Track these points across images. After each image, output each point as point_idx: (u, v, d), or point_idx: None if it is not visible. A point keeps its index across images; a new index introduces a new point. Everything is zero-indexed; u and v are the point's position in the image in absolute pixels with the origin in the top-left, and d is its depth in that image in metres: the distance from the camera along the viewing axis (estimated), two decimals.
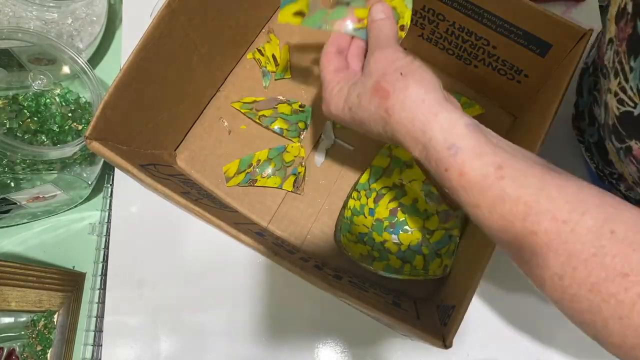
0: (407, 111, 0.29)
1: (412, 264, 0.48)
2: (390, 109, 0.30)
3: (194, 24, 0.44)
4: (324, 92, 0.35)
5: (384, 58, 0.32)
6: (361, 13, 0.36)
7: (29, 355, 0.47)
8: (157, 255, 0.52)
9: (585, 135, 0.47)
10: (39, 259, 0.54)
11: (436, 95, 0.29)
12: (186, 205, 0.38)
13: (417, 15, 0.49)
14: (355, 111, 0.32)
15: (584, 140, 0.48)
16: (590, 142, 0.46)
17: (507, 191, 0.25)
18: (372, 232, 0.49)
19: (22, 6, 0.51)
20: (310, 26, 0.37)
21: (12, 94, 0.49)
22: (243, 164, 0.52)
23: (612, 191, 0.46)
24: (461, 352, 0.48)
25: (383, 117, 0.30)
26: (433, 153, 0.28)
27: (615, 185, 0.45)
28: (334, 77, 0.35)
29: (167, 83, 0.45)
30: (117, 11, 0.63)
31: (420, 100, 0.29)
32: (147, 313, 0.50)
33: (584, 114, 0.47)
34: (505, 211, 0.25)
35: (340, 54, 0.36)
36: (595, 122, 0.44)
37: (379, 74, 0.31)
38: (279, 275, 0.51)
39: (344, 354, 0.49)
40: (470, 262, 0.40)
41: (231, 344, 0.49)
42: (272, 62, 0.56)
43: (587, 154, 0.48)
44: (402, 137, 0.30)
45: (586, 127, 0.47)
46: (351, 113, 0.33)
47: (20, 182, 0.47)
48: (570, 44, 0.41)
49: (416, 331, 0.34)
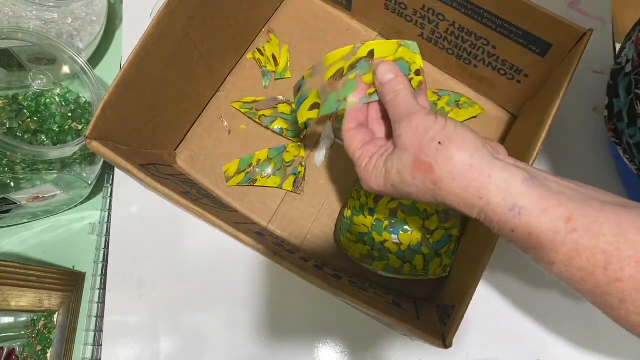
0: (458, 180, 0.28)
1: (412, 263, 0.48)
2: (438, 182, 0.28)
3: (194, 23, 0.44)
4: (358, 170, 0.33)
5: (415, 129, 0.30)
6: (369, 78, 0.35)
7: (29, 355, 0.47)
8: (157, 255, 0.52)
9: (624, 137, 0.45)
10: (39, 259, 0.54)
11: (482, 154, 0.28)
12: (186, 205, 0.38)
13: (417, 15, 0.49)
14: (400, 187, 0.31)
15: (622, 142, 0.46)
16: (630, 143, 0.45)
17: (582, 243, 0.24)
18: (372, 232, 0.49)
19: (22, 6, 0.51)
20: (329, 112, 0.36)
21: (12, 94, 0.49)
22: (243, 163, 0.52)
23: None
24: (461, 352, 0.48)
25: (431, 189, 0.29)
26: (494, 216, 0.27)
27: None
28: (363, 152, 0.33)
29: (167, 83, 0.45)
30: (117, 11, 0.63)
31: (468, 166, 0.28)
32: (147, 313, 0.50)
33: (621, 115, 0.45)
34: (584, 263, 0.24)
35: (362, 127, 0.35)
36: (637, 122, 0.42)
37: (415, 148, 0.29)
38: (279, 275, 0.51)
39: (344, 354, 0.49)
40: (470, 262, 0.40)
41: (231, 344, 0.49)
42: (272, 62, 0.56)
43: (626, 155, 0.46)
44: (457, 205, 0.29)
45: (625, 127, 0.45)
46: (395, 189, 0.31)
47: (20, 182, 0.47)
48: (570, 43, 0.41)
49: (416, 331, 0.34)
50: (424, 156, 0.29)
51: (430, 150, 0.29)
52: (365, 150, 0.33)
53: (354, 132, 0.34)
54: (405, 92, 0.32)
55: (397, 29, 0.55)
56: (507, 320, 0.49)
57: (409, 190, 0.30)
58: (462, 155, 0.28)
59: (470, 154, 0.28)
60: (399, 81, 0.33)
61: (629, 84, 0.44)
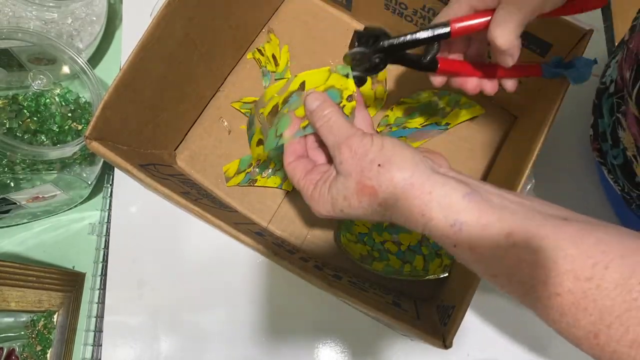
0: (401, 200, 0.28)
1: (412, 264, 0.48)
2: (383, 203, 0.29)
3: (194, 23, 0.44)
4: (305, 199, 0.34)
5: (354, 153, 0.30)
6: (301, 111, 0.35)
7: (29, 355, 0.47)
8: (157, 255, 0.52)
9: (608, 157, 0.45)
10: (38, 259, 0.54)
11: (422, 171, 0.28)
12: (186, 205, 0.38)
13: (417, 15, 0.49)
14: (349, 212, 0.31)
15: (606, 162, 0.45)
16: (614, 164, 0.44)
17: (522, 257, 0.24)
18: (372, 232, 0.49)
19: (22, 6, 0.51)
20: (270, 149, 0.37)
21: (12, 94, 0.49)
22: (243, 164, 0.52)
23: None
24: (461, 352, 0.48)
25: (378, 210, 0.30)
26: (437, 232, 0.27)
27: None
28: (306, 182, 0.33)
29: (167, 83, 0.45)
30: (117, 11, 0.63)
31: (409, 185, 0.28)
32: (147, 313, 0.50)
33: (605, 135, 0.45)
34: (524, 277, 0.24)
35: (301, 158, 0.35)
36: (620, 143, 0.41)
37: (357, 173, 0.30)
38: (279, 275, 0.51)
39: (344, 354, 0.49)
40: None
41: (231, 344, 0.49)
42: (272, 62, 0.56)
43: (610, 176, 0.45)
44: (404, 223, 0.29)
45: (609, 148, 0.44)
46: (344, 213, 0.32)
47: (20, 182, 0.47)
48: (570, 44, 0.41)
49: (416, 331, 0.34)
50: (366, 180, 0.29)
51: (371, 173, 0.29)
52: (307, 179, 0.33)
53: (295, 165, 0.35)
54: (335, 116, 0.32)
55: (397, 29, 0.54)
56: (507, 320, 0.49)
57: (357, 213, 0.31)
58: (402, 174, 0.28)
59: (411, 173, 0.28)
60: (325, 106, 0.33)
61: (611, 106, 0.43)
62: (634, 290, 0.21)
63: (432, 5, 0.47)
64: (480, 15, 0.33)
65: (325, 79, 0.36)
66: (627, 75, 0.37)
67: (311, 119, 0.34)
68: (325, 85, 0.36)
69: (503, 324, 0.49)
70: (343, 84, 0.36)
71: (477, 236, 0.26)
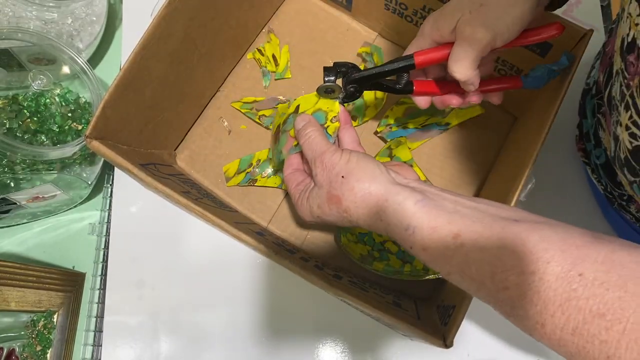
0: (361, 207, 0.33)
1: (412, 264, 0.48)
2: (347, 211, 0.33)
3: (194, 23, 0.44)
4: (294, 205, 0.39)
5: (325, 167, 0.35)
6: (293, 132, 0.41)
7: (29, 355, 0.47)
8: (157, 255, 0.52)
9: (592, 157, 0.46)
10: (38, 259, 0.54)
11: (380, 182, 0.32)
12: (186, 204, 0.38)
13: (418, 15, 0.49)
14: (323, 218, 0.36)
15: (590, 162, 0.47)
16: (597, 164, 0.45)
17: (470, 256, 0.27)
18: (372, 232, 0.49)
19: (22, 6, 0.51)
20: (279, 160, 0.44)
21: (12, 94, 0.49)
22: (243, 163, 0.52)
23: (622, 213, 0.45)
24: (461, 352, 0.48)
25: (345, 217, 0.34)
26: (394, 235, 0.31)
27: (626, 207, 0.44)
28: (295, 191, 0.39)
29: (167, 83, 0.45)
30: (117, 11, 0.63)
31: (368, 194, 0.32)
32: (147, 313, 0.50)
33: (589, 136, 0.46)
34: (474, 274, 0.27)
35: (296, 170, 0.41)
36: (602, 143, 0.42)
37: (327, 184, 0.35)
38: (279, 275, 0.51)
39: (344, 354, 0.49)
40: None
41: (231, 343, 0.49)
42: (272, 62, 0.56)
43: (594, 175, 0.46)
44: (368, 227, 0.33)
45: (592, 148, 0.45)
46: (320, 219, 0.36)
47: (20, 182, 0.47)
48: (570, 44, 0.41)
49: (417, 331, 0.34)
50: (333, 190, 0.34)
51: (337, 184, 0.34)
52: (296, 189, 0.39)
53: (290, 176, 0.41)
54: (315, 135, 0.38)
55: (397, 29, 0.55)
56: (507, 321, 0.49)
57: (329, 219, 0.35)
58: (361, 185, 0.33)
59: (369, 183, 0.32)
60: (308, 125, 0.38)
61: (593, 107, 0.44)
62: (574, 281, 0.22)
63: (432, 5, 0.47)
64: (441, 49, 0.37)
65: (314, 102, 0.42)
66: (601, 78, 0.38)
67: (297, 137, 0.39)
68: (314, 107, 0.41)
69: (503, 324, 0.48)
70: (329, 106, 0.41)
71: (428, 238, 0.29)
